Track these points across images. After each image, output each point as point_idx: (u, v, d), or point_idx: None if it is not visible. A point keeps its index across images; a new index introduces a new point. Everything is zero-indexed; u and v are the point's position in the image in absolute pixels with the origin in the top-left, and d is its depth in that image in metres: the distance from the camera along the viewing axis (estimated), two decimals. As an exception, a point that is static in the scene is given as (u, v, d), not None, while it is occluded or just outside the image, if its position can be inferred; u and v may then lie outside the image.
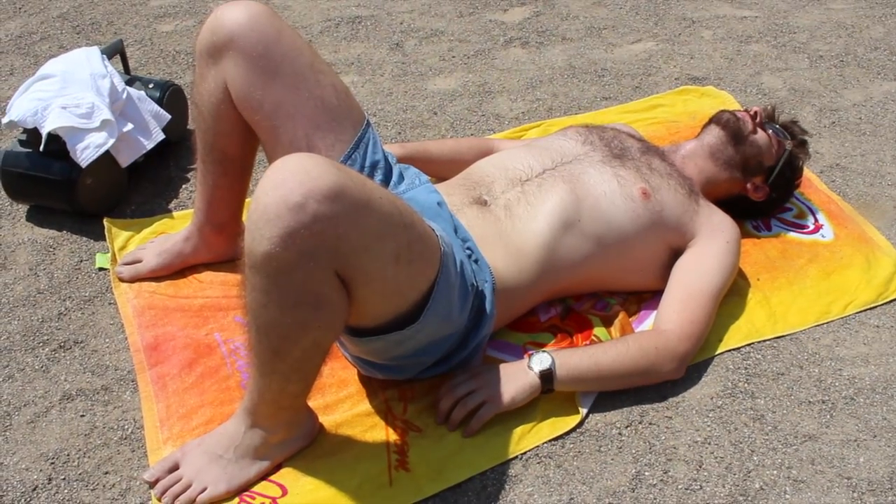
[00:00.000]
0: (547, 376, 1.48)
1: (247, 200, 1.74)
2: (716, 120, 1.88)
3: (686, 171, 1.80)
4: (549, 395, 1.51)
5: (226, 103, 1.54)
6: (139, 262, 1.79)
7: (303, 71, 1.51)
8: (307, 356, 1.26)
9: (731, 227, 1.72)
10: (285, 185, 1.11)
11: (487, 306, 1.50)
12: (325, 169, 1.13)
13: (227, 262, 1.78)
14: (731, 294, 1.74)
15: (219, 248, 1.77)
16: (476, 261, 1.52)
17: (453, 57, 2.67)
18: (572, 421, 1.50)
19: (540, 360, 1.49)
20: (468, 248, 1.53)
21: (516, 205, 1.61)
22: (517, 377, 1.49)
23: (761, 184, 1.87)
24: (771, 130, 1.87)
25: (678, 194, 1.70)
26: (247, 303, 1.22)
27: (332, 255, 1.15)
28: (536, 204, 1.61)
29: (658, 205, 1.66)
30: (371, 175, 1.57)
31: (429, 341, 1.41)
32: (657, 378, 1.57)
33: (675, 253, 1.70)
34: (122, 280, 1.78)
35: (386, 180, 1.59)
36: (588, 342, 1.62)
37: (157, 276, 1.78)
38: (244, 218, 1.73)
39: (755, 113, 1.86)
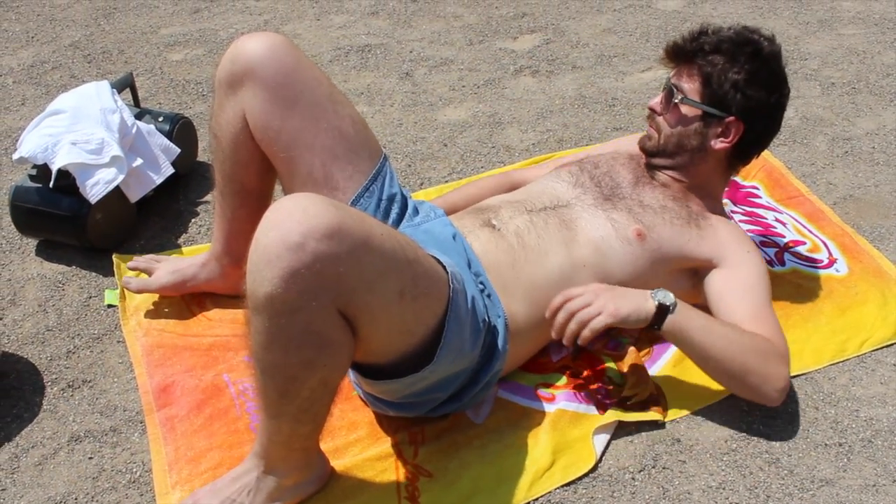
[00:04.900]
0: (663, 311, 1.47)
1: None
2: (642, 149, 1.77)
3: (673, 187, 1.72)
4: (562, 437, 1.49)
5: (244, 133, 1.54)
6: (150, 273, 1.78)
7: (321, 102, 1.51)
8: (315, 396, 1.25)
9: (739, 234, 1.68)
10: (284, 225, 1.11)
11: (500, 341, 1.49)
12: (324, 207, 1.13)
13: (238, 297, 1.76)
14: (745, 332, 1.71)
15: (235, 279, 1.74)
16: (489, 295, 1.51)
17: (463, 86, 2.66)
18: (585, 465, 1.48)
19: (665, 295, 1.48)
20: (481, 283, 1.51)
21: (527, 234, 1.59)
22: (636, 299, 1.48)
23: (723, 130, 1.65)
24: (682, 105, 1.68)
25: (674, 226, 1.64)
26: (251, 345, 1.21)
27: (334, 294, 1.15)
28: (546, 238, 1.59)
29: (655, 243, 1.63)
30: (388, 207, 1.57)
31: (442, 377, 1.40)
32: (758, 387, 1.48)
33: (692, 272, 1.66)
34: (128, 290, 1.76)
35: (401, 213, 1.59)
36: (599, 384, 1.61)
37: (164, 293, 1.77)
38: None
39: (650, 113, 1.73)
